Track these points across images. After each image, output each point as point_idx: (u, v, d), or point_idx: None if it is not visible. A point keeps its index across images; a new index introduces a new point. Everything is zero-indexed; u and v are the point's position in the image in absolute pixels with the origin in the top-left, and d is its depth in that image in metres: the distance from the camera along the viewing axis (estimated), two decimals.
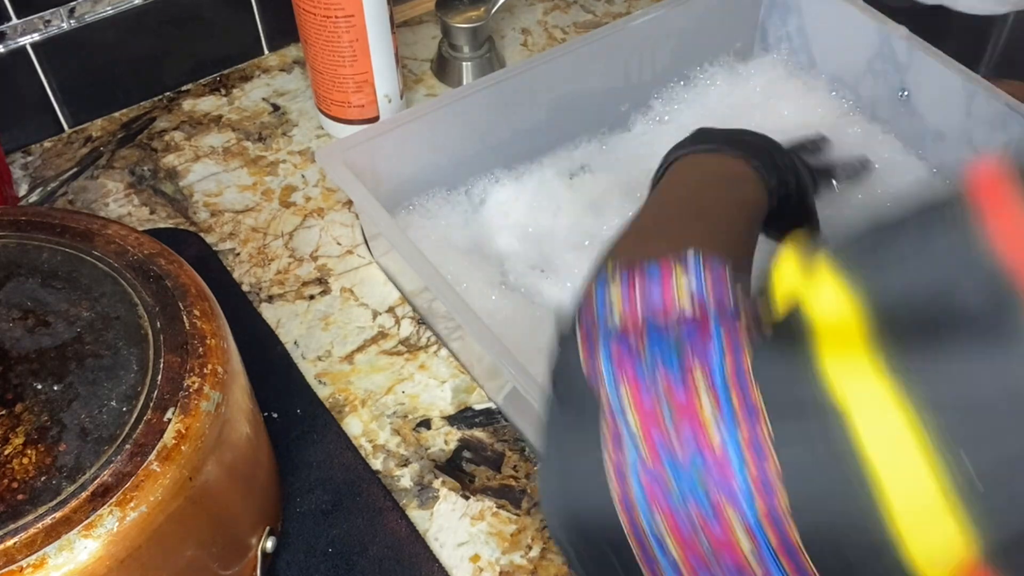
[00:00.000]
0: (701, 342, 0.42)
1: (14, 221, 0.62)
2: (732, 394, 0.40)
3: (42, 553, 0.48)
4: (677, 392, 0.41)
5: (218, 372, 0.56)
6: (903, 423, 0.36)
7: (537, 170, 0.88)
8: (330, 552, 0.66)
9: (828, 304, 0.39)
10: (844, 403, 0.37)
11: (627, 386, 0.43)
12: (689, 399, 0.41)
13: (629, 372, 0.43)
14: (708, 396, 0.40)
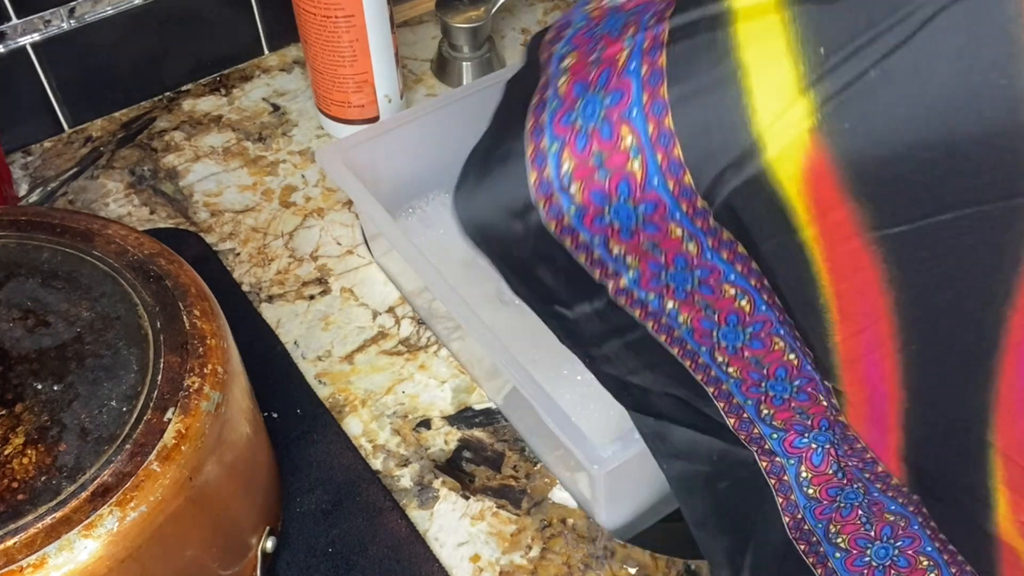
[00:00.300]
0: (617, 87, 0.46)
1: (14, 221, 0.62)
2: (645, 32, 0.45)
3: (42, 553, 0.48)
4: (608, 49, 0.46)
5: (218, 372, 0.56)
6: (777, 23, 0.40)
7: None
8: (330, 552, 0.66)
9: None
10: (733, 6, 0.42)
11: (573, 53, 0.48)
12: (613, 56, 0.46)
13: (566, 128, 0.47)
14: (628, 37, 0.45)
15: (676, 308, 0.51)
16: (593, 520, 0.68)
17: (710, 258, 0.48)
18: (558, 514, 0.68)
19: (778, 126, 0.41)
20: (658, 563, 0.66)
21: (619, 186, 0.45)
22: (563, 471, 0.69)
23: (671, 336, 0.52)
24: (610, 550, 0.66)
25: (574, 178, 0.46)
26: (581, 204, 0.47)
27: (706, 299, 0.50)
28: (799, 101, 0.40)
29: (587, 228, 0.48)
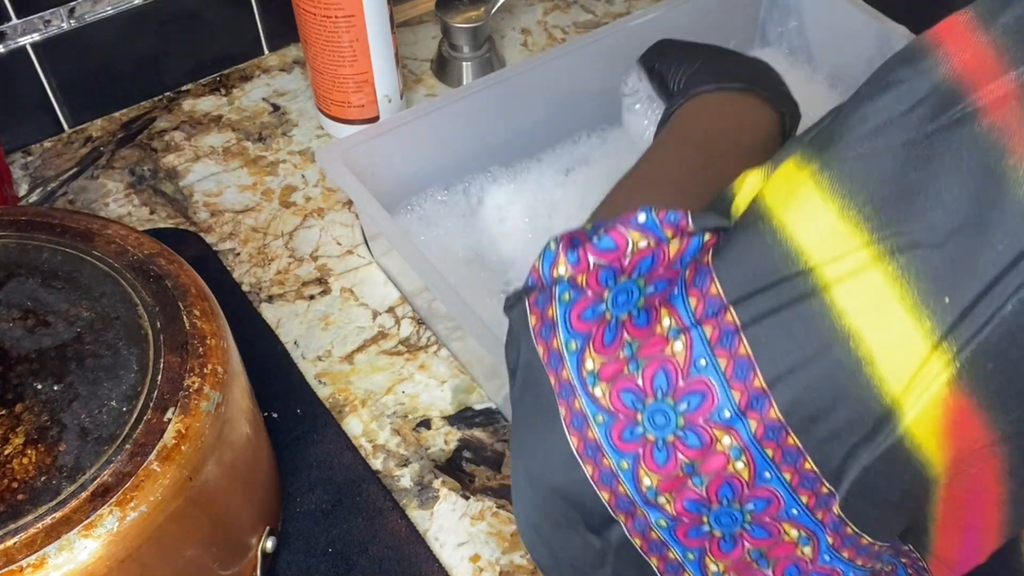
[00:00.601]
0: (664, 276, 0.41)
1: (14, 221, 0.62)
2: (703, 325, 0.39)
3: (42, 553, 0.48)
4: (640, 329, 0.40)
5: (218, 372, 0.56)
6: (881, 278, 0.36)
7: (535, 167, 0.88)
8: (330, 552, 0.66)
9: (785, 178, 0.39)
10: (822, 276, 0.37)
11: (590, 344, 0.42)
12: (653, 334, 0.40)
13: (589, 323, 0.42)
14: (674, 324, 0.39)
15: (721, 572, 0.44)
16: None
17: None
18: None
19: (914, 388, 0.36)
20: None
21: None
22: None
23: None
24: None
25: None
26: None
27: (758, 545, 0.42)
28: (933, 356, 0.36)
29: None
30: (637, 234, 0.43)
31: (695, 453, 0.39)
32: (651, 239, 0.42)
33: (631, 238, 0.43)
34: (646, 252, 0.42)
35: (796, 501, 0.39)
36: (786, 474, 0.38)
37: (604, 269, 0.42)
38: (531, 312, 0.44)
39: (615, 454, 0.40)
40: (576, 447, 0.41)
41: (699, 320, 0.39)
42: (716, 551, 0.41)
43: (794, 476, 0.38)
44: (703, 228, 0.42)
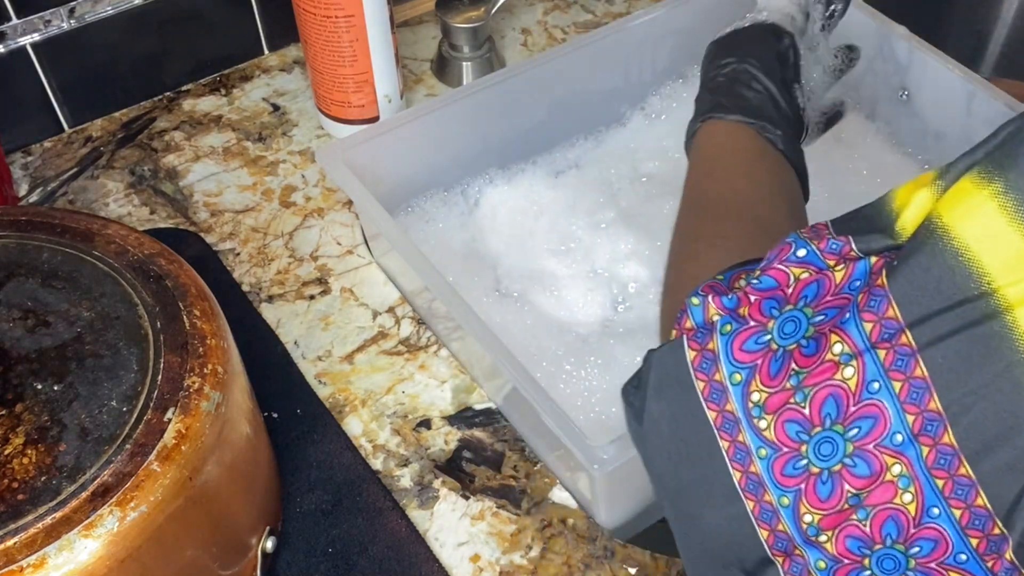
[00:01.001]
0: (833, 304, 0.40)
1: (14, 221, 0.62)
2: (877, 349, 0.37)
3: (42, 553, 0.48)
4: (809, 358, 0.39)
5: (218, 372, 0.56)
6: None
7: (530, 169, 0.88)
8: (330, 552, 0.66)
9: (963, 197, 0.37)
10: (1004, 297, 0.35)
11: (756, 375, 0.40)
12: (823, 362, 0.38)
13: (755, 354, 0.40)
14: (846, 350, 0.38)
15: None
16: (593, 520, 0.68)
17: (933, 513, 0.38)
18: (558, 514, 0.68)
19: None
20: (658, 563, 0.66)
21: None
22: (563, 471, 0.69)
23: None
24: (610, 550, 0.66)
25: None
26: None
27: None
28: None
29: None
30: (798, 269, 0.42)
31: (862, 482, 0.37)
32: (812, 270, 0.41)
33: (792, 273, 0.42)
34: (810, 280, 0.41)
35: (965, 542, 0.36)
36: (955, 510, 0.36)
37: (768, 299, 0.41)
38: (689, 347, 0.43)
39: (776, 489, 0.39)
40: (739, 481, 0.40)
41: (874, 344, 0.37)
42: None
43: (964, 513, 0.36)
44: (868, 252, 0.40)
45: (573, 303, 0.80)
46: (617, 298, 0.80)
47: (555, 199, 0.86)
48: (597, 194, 0.87)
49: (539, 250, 0.83)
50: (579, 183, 0.88)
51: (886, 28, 0.87)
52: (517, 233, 0.84)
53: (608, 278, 0.81)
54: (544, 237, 0.84)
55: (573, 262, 0.82)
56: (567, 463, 0.68)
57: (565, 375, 0.75)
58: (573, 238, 0.83)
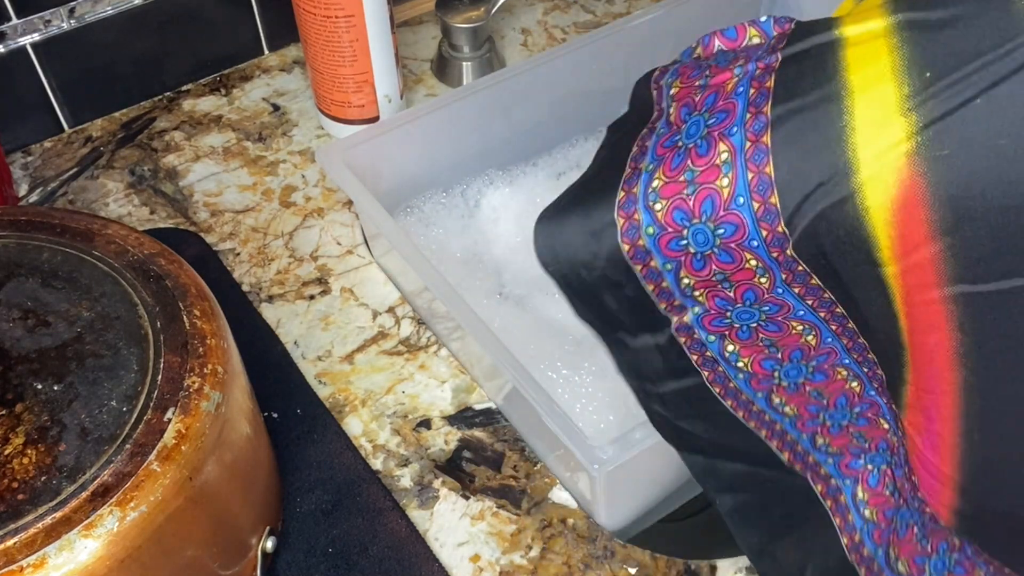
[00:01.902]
0: (721, 104, 0.46)
1: (14, 221, 0.62)
2: (747, 142, 0.44)
3: (42, 553, 0.48)
4: (702, 158, 0.46)
5: (218, 372, 0.56)
6: (884, 47, 0.40)
7: (531, 171, 0.88)
8: (330, 552, 0.66)
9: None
10: (843, 27, 0.42)
11: (662, 167, 0.47)
12: (712, 167, 0.45)
13: (667, 149, 0.47)
14: (728, 161, 0.45)
15: (737, 352, 0.50)
16: (593, 520, 0.68)
17: (781, 293, 0.47)
18: (558, 514, 0.68)
19: (875, 146, 0.40)
20: (658, 563, 0.66)
21: (704, 203, 0.45)
22: (563, 471, 0.69)
23: (726, 388, 0.52)
24: (610, 550, 0.66)
25: (661, 196, 0.47)
26: (661, 223, 0.47)
27: (771, 336, 0.49)
28: (899, 121, 0.39)
29: (662, 252, 0.48)
30: (755, 30, 0.50)
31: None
32: (763, 37, 0.49)
33: (749, 33, 0.50)
34: (709, 92, 0.47)
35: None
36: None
37: (685, 106, 0.48)
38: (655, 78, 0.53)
39: (661, 258, 0.48)
40: (627, 251, 0.49)
41: (755, 58, 0.45)
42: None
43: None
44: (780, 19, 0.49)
45: None
46: None
47: None
48: None
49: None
50: None
51: None
52: (518, 234, 0.84)
53: None
54: None
55: None
56: (567, 463, 0.68)
57: (564, 379, 0.75)
58: None
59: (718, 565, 0.66)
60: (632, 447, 0.60)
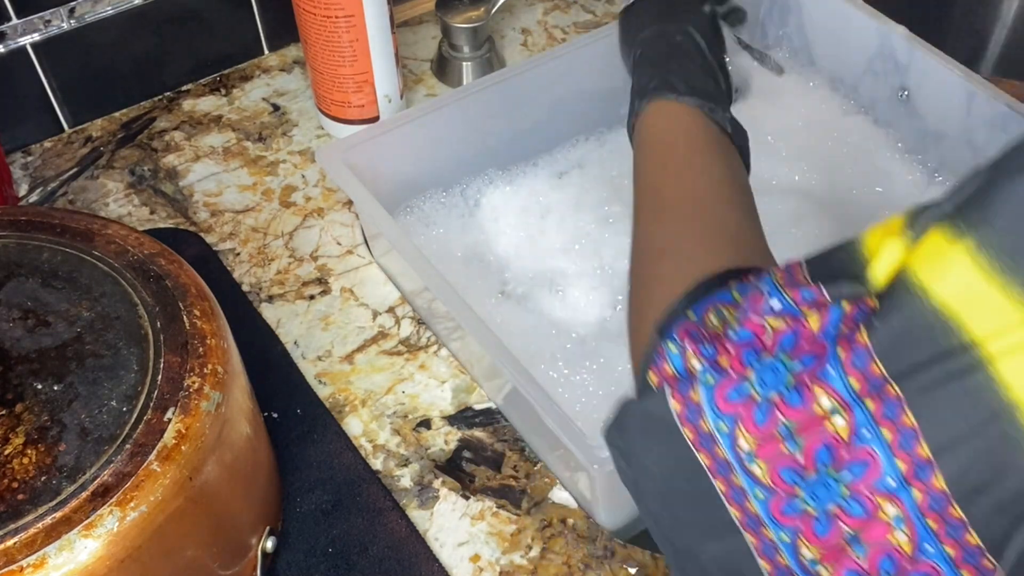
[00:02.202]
0: (809, 351, 0.41)
1: (14, 221, 0.62)
2: (865, 400, 0.39)
3: (42, 553, 0.48)
4: (795, 410, 0.40)
5: (218, 372, 0.56)
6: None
7: (532, 171, 0.88)
8: (330, 552, 0.66)
9: (936, 252, 0.38)
10: (986, 350, 0.36)
11: (741, 424, 0.41)
12: (811, 415, 0.39)
13: (736, 404, 0.42)
14: (834, 404, 0.39)
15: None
16: (593, 520, 0.68)
17: (932, 555, 0.40)
18: (558, 514, 0.68)
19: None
20: (658, 563, 0.66)
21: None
22: (563, 471, 0.69)
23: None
24: (610, 550, 0.66)
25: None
26: (768, 486, 0.41)
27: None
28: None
29: (776, 520, 0.41)
30: (774, 320, 0.43)
31: (857, 522, 0.39)
32: (787, 319, 0.42)
33: (768, 324, 0.43)
34: (786, 330, 0.42)
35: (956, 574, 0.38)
36: (948, 548, 0.38)
37: (746, 350, 0.43)
38: (673, 398, 0.44)
39: (775, 527, 0.41)
40: (738, 519, 0.42)
41: (860, 396, 0.39)
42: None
43: (957, 551, 0.38)
44: (841, 298, 0.42)
45: (576, 302, 0.79)
46: (616, 296, 0.80)
47: (560, 199, 0.86)
48: (601, 190, 0.87)
49: (543, 250, 0.83)
50: (583, 182, 0.88)
51: (886, 28, 0.87)
52: (520, 234, 0.84)
53: (611, 274, 0.81)
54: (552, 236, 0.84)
55: (579, 259, 0.82)
56: (567, 463, 0.68)
57: (564, 379, 0.75)
58: (580, 236, 0.83)
59: None
60: None
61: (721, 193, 0.58)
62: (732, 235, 0.54)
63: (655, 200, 0.59)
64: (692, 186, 0.58)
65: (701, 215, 0.56)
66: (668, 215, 0.57)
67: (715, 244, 0.53)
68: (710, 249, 0.53)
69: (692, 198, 0.57)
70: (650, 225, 0.57)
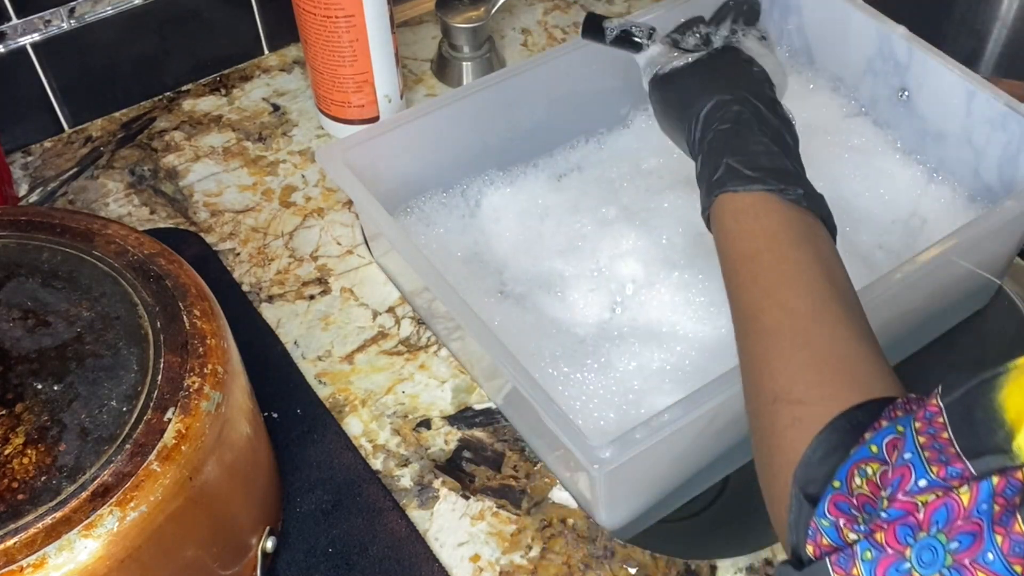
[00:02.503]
0: (965, 530, 0.41)
1: (14, 221, 0.62)
2: None
3: (42, 553, 0.48)
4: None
5: (218, 372, 0.56)
6: None
7: (532, 172, 0.88)
8: (330, 552, 0.66)
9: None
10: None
11: None
12: None
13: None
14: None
15: None
16: (593, 520, 0.68)
17: None
18: (558, 514, 0.68)
19: None
20: (658, 563, 0.66)
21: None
22: (563, 471, 0.69)
23: None
24: (610, 550, 0.66)
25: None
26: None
27: None
28: None
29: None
30: (923, 496, 0.43)
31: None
32: (938, 492, 0.43)
33: (918, 501, 0.43)
34: (938, 504, 0.42)
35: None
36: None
37: (901, 526, 0.43)
38: (834, 571, 0.45)
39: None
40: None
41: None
42: None
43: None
44: (988, 473, 0.42)
45: (574, 303, 0.80)
46: (615, 298, 0.80)
47: (559, 201, 0.86)
48: (601, 193, 0.87)
49: (544, 251, 0.83)
50: (582, 184, 0.88)
51: (886, 28, 0.87)
52: (520, 234, 0.84)
53: (609, 276, 0.81)
54: (550, 238, 0.84)
55: (579, 260, 0.82)
56: (567, 463, 0.68)
57: (564, 379, 0.75)
58: (580, 236, 0.83)
59: (718, 565, 0.66)
60: (632, 447, 0.60)
61: (824, 309, 0.54)
62: (845, 359, 0.52)
63: (755, 324, 0.56)
64: (792, 307, 0.55)
65: (808, 344, 0.53)
66: (772, 344, 0.54)
67: (831, 379, 0.51)
68: (828, 388, 0.51)
69: (792, 326, 0.54)
70: (755, 349, 0.55)
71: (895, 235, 0.84)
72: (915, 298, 0.77)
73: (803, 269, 0.56)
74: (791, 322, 0.54)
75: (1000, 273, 0.86)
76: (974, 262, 0.81)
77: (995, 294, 0.88)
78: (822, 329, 0.53)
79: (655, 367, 0.75)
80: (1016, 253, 0.85)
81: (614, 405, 0.73)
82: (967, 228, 0.72)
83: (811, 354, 0.52)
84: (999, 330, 0.88)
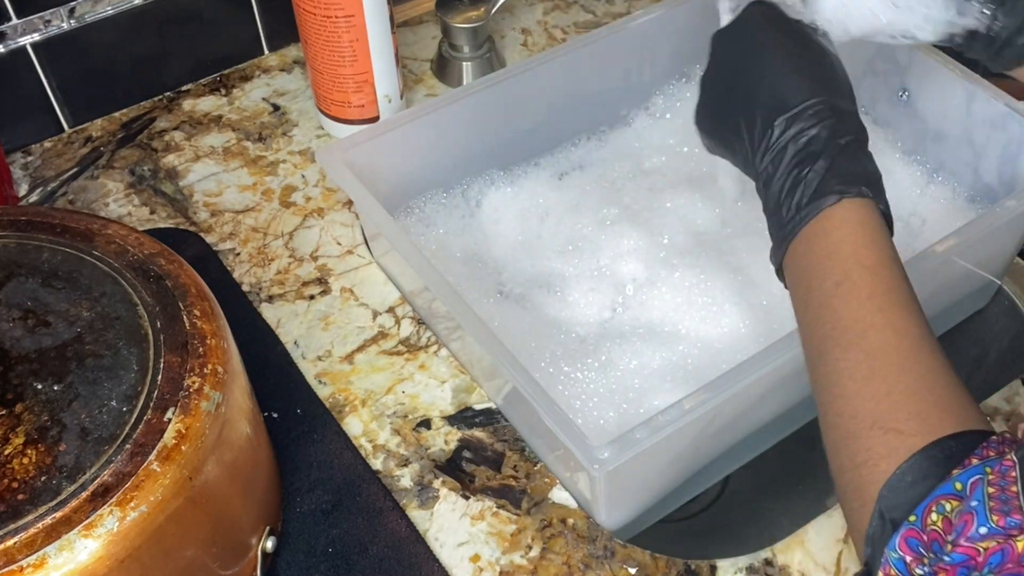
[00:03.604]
0: (1015, 572, 0.43)
1: (14, 221, 0.62)
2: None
3: (42, 553, 0.48)
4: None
5: (218, 372, 0.56)
6: None
7: (533, 171, 0.88)
8: (330, 552, 0.66)
9: None
10: None
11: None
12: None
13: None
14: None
15: None
16: (593, 520, 0.68)
17: None
18: (558, 514, 0.68)
19: None
20: (658, 563, 0.66)
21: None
22: (563, 471, 0.69)
23: None
24: (610, 550, 0.66)
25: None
26: None
27: None
28: None
29: None
30: (983, 543, 0.44)
31: None
32: (998, 538, 0.44)
33: (979, 548, 0.44)
34: (995, 549, 0.44)
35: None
36: None
37: (961, 568, 0.45)
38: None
39: None
40: None
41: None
42: None
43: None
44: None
45: (575, 303, 0.80)
46: (616, 298, 0.80)
47: (560, 201, 0.86)
48: (602, 192, 0.87)
49: (544, 251, 0.83)
50: (583, 183, 0.88)
51: None
52: (520, 234, 0.84)
53: (610, 276, 0.81)
54: (551, 238, 0.84)
55: (579, 260, 0.82)
56: (567, 463, 0.68)
57: (564, 379, 0.75)
58: (580, 237, 0.83)
59: (718, 565, 0.66)
60: (632, 447, 0.60)
61: (929, 336, 0.54)
62: (946, 388, 0.51)
63: (862, 342, 0.53)
64: (904, 329, 0.53)
65: (913, 370, 0.52)
66: (878, 366, 0.52)
67: (930, 409, 0.51)
68: (926, 421, 0.50)
69: (900, 349, 0.53)
70: (856, 369, 0.53)
71: (895, 235, 0.84)
72: None
73: (912, 291, 0.55)
74: (901, 345, 0.53)
75: (1000, 273, 0.86)
76: (974, 262, 0.81)
77: (995, 294, 0.88)
78: (925, 356, 0.52)
79: (656, 366, 0.75)
80: (1016, 253, 0.85)
81: (614, 405, 0.73)
82: (967, 228, 0.72)
83: (915, 379, 0.51)
84: (999, 330, 0.89)
